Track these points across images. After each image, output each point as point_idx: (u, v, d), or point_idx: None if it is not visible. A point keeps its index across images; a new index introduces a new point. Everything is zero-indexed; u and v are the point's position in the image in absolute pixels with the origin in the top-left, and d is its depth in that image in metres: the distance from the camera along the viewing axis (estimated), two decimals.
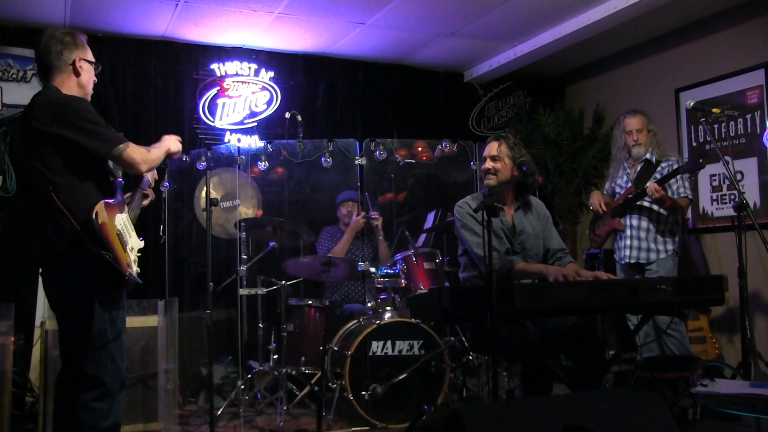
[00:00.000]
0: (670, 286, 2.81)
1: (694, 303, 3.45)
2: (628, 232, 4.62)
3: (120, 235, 2.78)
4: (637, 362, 4.27)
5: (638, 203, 4.58)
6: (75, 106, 2.72)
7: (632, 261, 4.59)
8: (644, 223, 4.57)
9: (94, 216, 2.64)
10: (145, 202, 3.17)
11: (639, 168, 4.68)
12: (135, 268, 2.86)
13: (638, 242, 4.58)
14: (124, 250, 2.78)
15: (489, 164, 3.47)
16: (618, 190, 4.78)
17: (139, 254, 2.97)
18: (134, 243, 2.92)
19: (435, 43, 6.29)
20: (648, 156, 4.65)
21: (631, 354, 4.83)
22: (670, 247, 4.53)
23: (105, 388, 2.72)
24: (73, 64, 2.89)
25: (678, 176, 4.46)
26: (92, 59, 2.99)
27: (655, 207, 4.52)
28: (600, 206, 4.74)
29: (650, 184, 4.39)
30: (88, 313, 2.69)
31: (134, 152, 2.78)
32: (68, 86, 2.88)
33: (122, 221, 2.85)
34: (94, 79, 3.02)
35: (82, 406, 2.68)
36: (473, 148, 5.64)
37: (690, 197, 4.57)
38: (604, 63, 6.83)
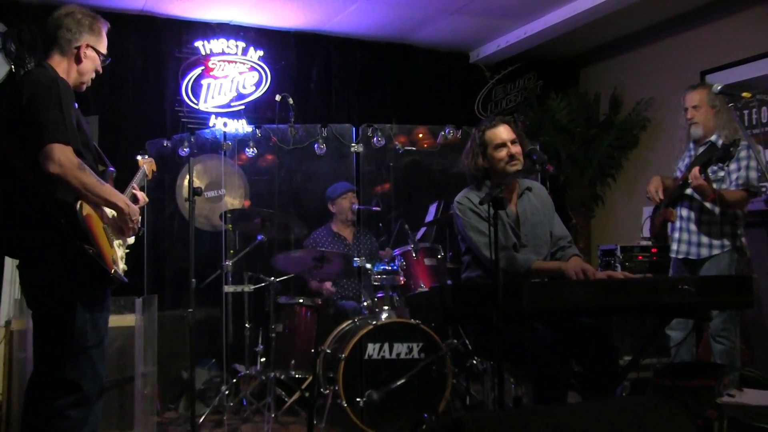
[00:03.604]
0: (693, 287, 2.78)
1: (720, 305, 3.41)
2: (677, 223, 4.34)
3: (107, 229, 2.75)
4: (656, 369, 4.23)
5: (687, 192, 4.25)
6: (55, 89, 2.67)
7: (680, 256, 4.33)
8: (694, 215, 4.26)
9: (78, 207, 2.62)
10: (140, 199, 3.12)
11: (700, 151, 4.29)
12: (122, 266, 2.84)
13: (687, 235, 4.29)
14: (111, 245, 2.75)
15: (513, 149, 3.37)
16: (678, 174, 4.44)
17: (128, 251, 2.95)
18: (123, 239, 2.91)
19: (438, 21, 6.25)
20: (714, 138, 4.27)
21: (651, 360, 4.78)
22: (727, 242, 4.17)
23: (82, 395, 2.69)
24: (78, 48, 2.87)
25: (738, 163, 4.10)
26: (103, 51, 2.97)
27: (697, 196, 4.19)
28: (656, 193, 4.50)
29: (693, 170, 4.02)
30: (68, 313, 2.67)
31: (63, 152, 2.57)
32: (64, 69, 2.85)
33: (112, 214, 2.82)
34: (99, 70, 3.00)
35: (56, 413, 2.65)
36: None
37: (753, 190, 4.11)
38: (623, 43, 6.80)
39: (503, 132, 3.42)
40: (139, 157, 3.41)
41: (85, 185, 2.62)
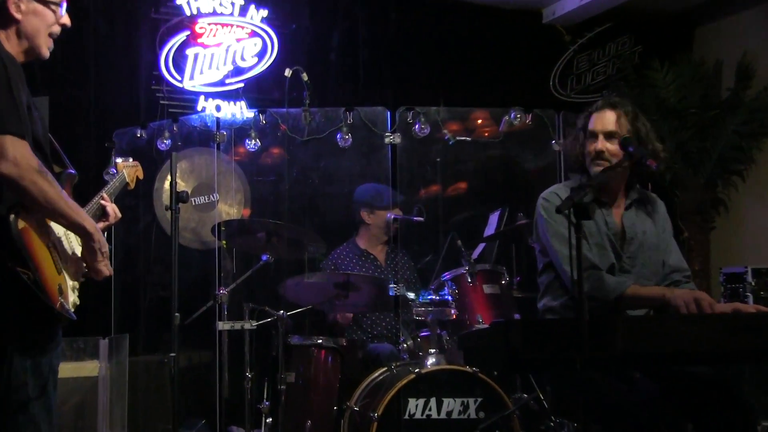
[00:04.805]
0: None
1: None
2: None
3: (53, 250, 2.75)
4: None
5: None
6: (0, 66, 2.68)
7: None
8: None
9: (12, 218, 2.61)
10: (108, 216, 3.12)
11: None
12: (71, 298, 2.81)
13: None
14: (58, 270, 2.74)
15: (603, 145, 3.39)
16: None
17: (83, 279, 2.94)
18: (77, 263, 2.90)
19: None
20: None
21: None
22: None
23: None
24: (5, 4, 2.83)
25: None
26: None
27: None
28: None
29: None
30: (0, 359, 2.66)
31: (17, 148, 2.56)
32: (6, 36, 2.84)
33: (64, 232, 2.82)
34: (63, 22, 2.95)
35: None
36: (556, 119, 5.57)
37: None
38: None
39: (600, 120, 3.44)
40: (119, 160, 3.41)
41: (46, 196, 2.61)
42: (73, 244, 2.89)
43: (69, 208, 2.70)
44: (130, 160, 3.46)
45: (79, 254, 2.92)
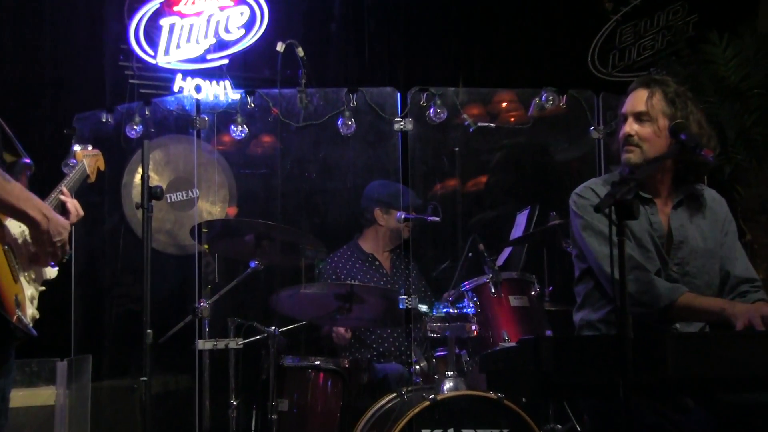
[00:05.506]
0: None
1: None
2: None
3: (9, 253, 2.76)
4: None
5: None
6: None
7: None
8: None
9: None
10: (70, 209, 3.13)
11: None
12: (30, 311, 2.84)
13: None
14: (14, 278, 2.76)
15: (632, 127, 3.42)
16: None
17: (43, 288, 2.95)
18: (37, 270, 2.91)
19: None
20: None
21: None
22: None
23: None
24: None
25: None
26: None
27: None
28: None
29: None
30: None
31: None
32: None
33: (21, 231, 2.83)
34: None
35: None
36: (594, 101, 5.56)
37: None
38: None
39: (631, 100, 3.50)
40: (77, 148, 3.43)
41: None
42: (30, 244, 2.89)
43: (8, 194, 2.68)
44: (90, 147, 3.46)
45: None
